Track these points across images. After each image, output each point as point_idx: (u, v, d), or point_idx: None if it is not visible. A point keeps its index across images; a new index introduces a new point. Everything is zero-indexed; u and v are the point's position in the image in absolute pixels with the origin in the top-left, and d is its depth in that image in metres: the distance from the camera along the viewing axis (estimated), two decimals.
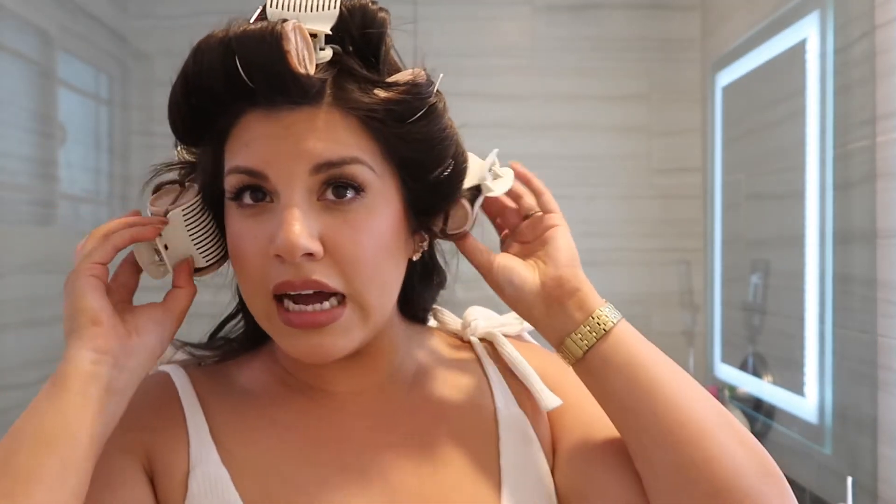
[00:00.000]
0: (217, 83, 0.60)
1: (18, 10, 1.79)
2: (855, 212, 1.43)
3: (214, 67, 0.59)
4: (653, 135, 2.35)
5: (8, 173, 1.74)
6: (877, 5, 1.35)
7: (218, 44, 0.59)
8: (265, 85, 0.59)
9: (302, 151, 0.60)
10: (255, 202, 0.62)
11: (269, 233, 0.61)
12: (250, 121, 0.61)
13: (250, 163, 0.61)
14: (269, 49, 0.58)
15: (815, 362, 1.55)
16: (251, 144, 0.61)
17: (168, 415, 0.68)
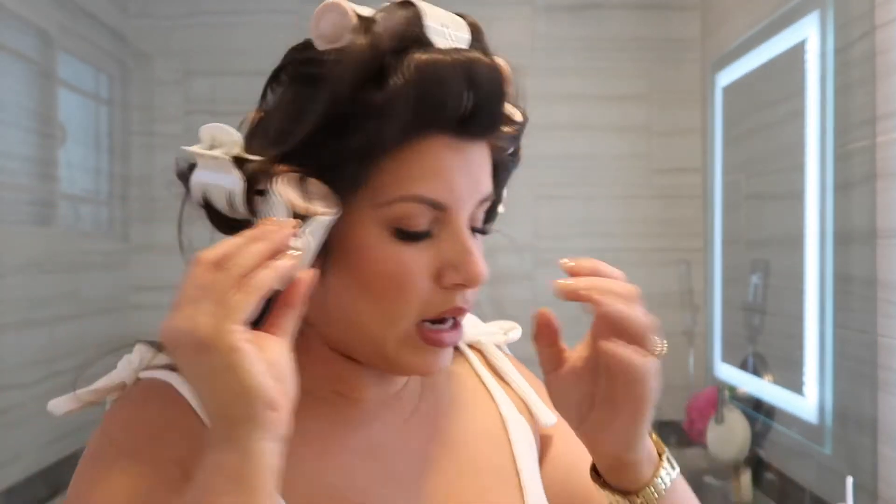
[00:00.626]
0: (449, 105, 0.58)
1: (18, 10, 1.79)
2: (855, 212, 1.43)
3: (452, 88, 0.57)
4: (653, 135, 2.35)
5: (8, 173, 1.74)
6: (877, 5, 1.35)
7: (458, 67, 0.58)
8: (480, 119, 0.60)
9: (478, 186, 0.62)
10: (424, 233, 0.60)
11: (435, 261, 0.61)
12: (436, 147, 0.59)
13: (439, 196, 0.59)
14: (495, 86, 0.59)
15: (815, 362, 1.55)
16: (440, 174, 0.59)
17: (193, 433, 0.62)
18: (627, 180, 2.35)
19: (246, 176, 0.59)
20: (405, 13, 0.59)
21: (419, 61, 0.57)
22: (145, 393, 0.66)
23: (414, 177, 0.59)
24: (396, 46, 0.58)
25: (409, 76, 0.57)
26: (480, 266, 0.61)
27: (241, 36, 2.34)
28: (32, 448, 1.82)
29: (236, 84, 2.32)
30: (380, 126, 0.57)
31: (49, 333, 1.90)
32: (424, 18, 0.59)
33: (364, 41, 0.58)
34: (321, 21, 0.60)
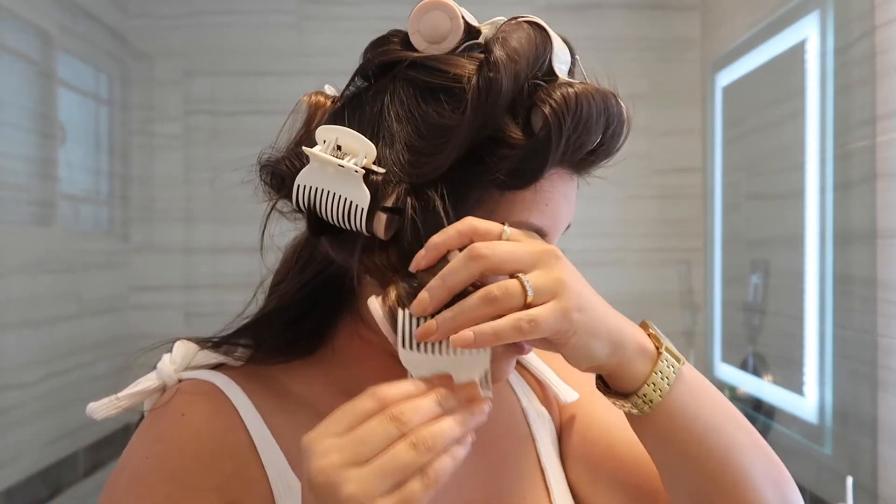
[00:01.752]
0: (591, 140, 0.58)
1: (18, 10, 1.79)
2: (855, 212, 1.43)
3: (597, 125, 0.58)
4: (653, 135, 2.35)
5: (8, 173, 1.74)
6: (877, 5, 1.35)
7: (601, 104, 0.57)
8: (601, 156, 0.61)
9: (571, 216, 0.64)
10: None
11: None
12: (555, 179, 0.60)
13: (545, 224, 0.60)
14: (621, 122, 0.60)
15: (815, 362, 1.55)
16: (552, 205, 0.60)
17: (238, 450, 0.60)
18: (627, 180, 2.35)
19: (372, 190, 0.56)
20: (536, 35, 0.58)
21: (570, 96, 0.56)
22: (188, 401, 0.62)
23: (529, 205, 0.59)
24: (534, 73, 0.57)
25: (563, 111, 0.55)
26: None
27: (241, 36, 2.34)
28: (32, 448, 1.82)
29: (236, 84, 2.33)
30: (531, 158, 0.56)
31: (49, 333, 1.90)
32: (555, 45, 0.59)
33: (506, 63, 0.56)
34: (425, 18, 0.58)
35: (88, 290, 2.10)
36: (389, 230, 0.57)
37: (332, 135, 0.57)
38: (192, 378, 0.63)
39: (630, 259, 2.35)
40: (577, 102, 0.56)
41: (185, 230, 2.32)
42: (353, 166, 0.56)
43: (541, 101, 0.56)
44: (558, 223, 0.62)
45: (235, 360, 0.65)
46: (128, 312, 2.33)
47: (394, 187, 0.56)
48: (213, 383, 0.62)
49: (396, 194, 0.56)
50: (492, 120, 0.56)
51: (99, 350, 2.14)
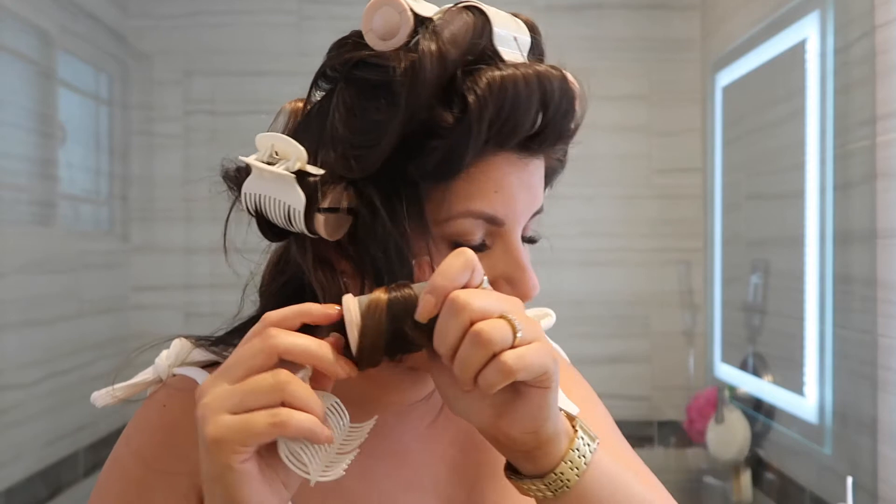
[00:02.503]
0: (523, 124, 0.56)
1: (18, 10, 1.79)
2: (855, 212, 1.43)
3: (529, 106, 0.56)
4: (653, 135, 2.35)
5: (8, 173, 1.74)
6: (877, 5, 1.35)
7: (533, 84, 0.56)
8: (550, 135, 0.59)
9: (535, 200, 0.61)
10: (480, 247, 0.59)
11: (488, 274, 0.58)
12: (500, 164, 0.58)
13: (498, 211, 0.58)
14: (568, 103, 0.58)
15: (815, 362, 1.55)
16: (502, 192, 0.58)
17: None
18: (627, 180, 2.35)
19: (307, 192, 0.57)
20: (472, 20, 0.57)
21: (494, 80, 0.55)
22: (170, 393, 0.65)
23: (475, 193, 0.57)
24: (466, 59, 0.56)
25: (486, 97, 0.54)
26: (533, 281, 0.60)
27: (241, 36, 2.34)
28: (32, 448, 1.82)
29: (236, 84, 2.33)
30: (455, 148, 0.55)
31: (49, 333, 1.90)
32: (494, 27, 0.57)
33: (433, 52, 0.55)
34: (376, 16, 0.58)
35: (88, 290, 2.10)
36: (334, 231, 0.58)
37: (268, 141, 0.59)
38: (180, 374, 0.66)
39: (630, 259, 2.35)
40: (502, 85, 0.55)
41: (185, 230, 2.32)
42: (284, 171, 0.57)
43: (467, 87, 0.55)
44: (515, 210, 0.59)
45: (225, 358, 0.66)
46: (128, 312, 2.33)
47: (332, 187, 0.57)
48: (194, 380, 0.65)
49: (335, 194, 0.57)
50: (419, 111, 0.55)
51: (99, 350, 2.15)
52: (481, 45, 0.56)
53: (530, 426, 0.53)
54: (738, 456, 1.87)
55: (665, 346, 2.35)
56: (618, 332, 2.33)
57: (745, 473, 1.88)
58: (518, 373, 0.49)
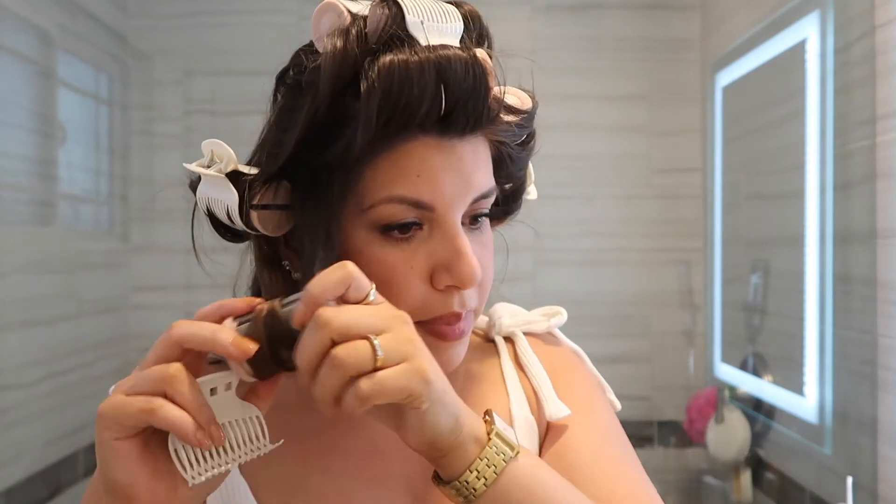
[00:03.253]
0: (420, 106, 0.56)
1: (18, 10, 1.79)
2: (855, 212, 1.43)
3: (424, 89, 0.56)
4: (653, 135, 2.35)
5: (8, 173, 1.74)
6: (877, 5, 1.35)
7: (427, 65, 0.56)
8: (461, 116, 0.58)
9: (471, 184, 0.60)
10: (409, 232, 0.60)
11: (427, 262, 0.60)
12: (419, 148, 0.58)
13: (422, 195, 0.58)
14: (475, 82, 0.57)
15: (815, 362, 1.55)
16: (423, 175, 0.58)
17: None
18: (627, 180, 2.35)
19: (240, 190, 0.60)
20: (386, 11, 0.58)
21: (384, 65, 0.56)
22: None
23: (395, 178, 0.58)
24: (371, 49, 0.57)
25: (375, 81, 0.56)
26: (471, 266, 0.59)
27: (241, 36, 2.34)
28: (32, 448, 1.82)
29: (236, 84, 2.33)
30: (355, 134, 0.57)
31: (49, 333, 1.90)
32: (406, 14, 0.58)
33: (334, 47, 0.57)
34: (319, 22, 0.60)
35: (88, 290, 2.10)
36: (275, 227, 0.61)
37: (209, 147, 0.63)
38: None
39: (630, 259, 2.35)
40: (389, 70, 0.56)
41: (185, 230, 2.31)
42: (216, 172, 0.61)
43: (363, 75, 0.56)
44: (443, 194, 0.59)
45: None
46: (128, 312, 2.33)
47: (264, 185, 0.60)
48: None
49: (267, 191, 0.60)
50: (323, 103, 0.57)
51: (99, 350, 2.14)
52: (389, 34, 0.58)
53: (421, 439, 0.53)
54: (738, 456, 1.87)
55: (665, 346, 2.35)
56: (618, 332, 2.33)
57: (745, 473, 1.88)
58: (374, 399, 0.48)
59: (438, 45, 0.58)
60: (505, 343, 0.76)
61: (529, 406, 0.72)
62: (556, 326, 0.78)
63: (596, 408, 0.72)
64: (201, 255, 0.68)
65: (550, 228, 2.26)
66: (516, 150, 0.66)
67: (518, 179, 0.69)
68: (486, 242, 0.64)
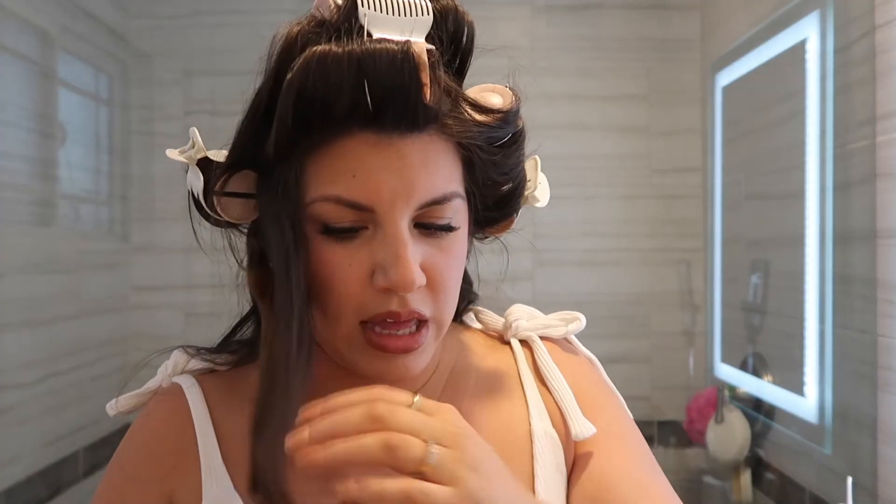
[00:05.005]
0: (338, 101, 0.54)
1: (18, 10, 1.79)
2: (855, 212, 1.43)
3: (340, 84, 0.53)
4: (653, 135, 2.35)
5: (8, 173, 1.74)
6: (877, 5, 1.35)
7: (347, 59, 0.53)
8: (391, 112, 0.55)
9: (416, 188, 0.57)
10: (351, 231, 0.58)
11: (367, 261, 0.58)
12: (355, 146, 0.56)
13: (358, 197, 0.56)
14: (404, 76, 0.54)
15: (815, 362, 1.55)
16: (360, 175, 0.56)
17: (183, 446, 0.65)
18: (627, 180, 2.35)
19: (207, 177, 0.61)
20: (340, 2, 0.57)
21: (305, 57, 0.54)
22: (156, 402, 0.69)
23: (332, 177, 0.56)
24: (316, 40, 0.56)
25: (294, 73, 0.54)
26: (407, 272, 0.56)
27: (241, 36, 2.34)
28: (32, 448, 1.82)
29: (236, 84, 2.30)
30: (277, 130, 0.56)
31: (49, 333, 1.90)
32: (359, 6, 0.56)
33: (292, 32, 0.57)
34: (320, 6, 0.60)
35: (88, 290, 2.10)
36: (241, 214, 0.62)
37: (192, 136, 0.64)
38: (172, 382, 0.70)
39: (630, 259, 2.35)
40: (306, 64, 0.54)
41: (185, 230, 2.31)
42: (183, 158, 0.63)
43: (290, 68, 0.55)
44: (380, 197, 0.56)
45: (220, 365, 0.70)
46: (128, 312, 2.33)
47: (223, 171, 0.61)
48: (180, 386, 0.68)
49: (235, 179, 0.61)
50: (264, 91, 0.58)
51: (99, 350, 2.14)
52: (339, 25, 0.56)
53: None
54: (738, 456, 1.87)
55: (665, 346, 2.35)
56: (618, 332, 2.33)
57: (745, 473, 1.88)
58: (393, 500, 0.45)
59: (376, 38, 0.55)
60: (521, 347, 0.74)
61: (551, 419, 0.69)
62: (573, 332, 0.75)
63: (627, 428, 0.69)
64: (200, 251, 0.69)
65: (550, 228, 2.26)
66: (492, 153, 0.61)
67: (504, 184, 0.64)
68: (446, 246, 0.60)
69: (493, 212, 0.67)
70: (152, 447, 0.66)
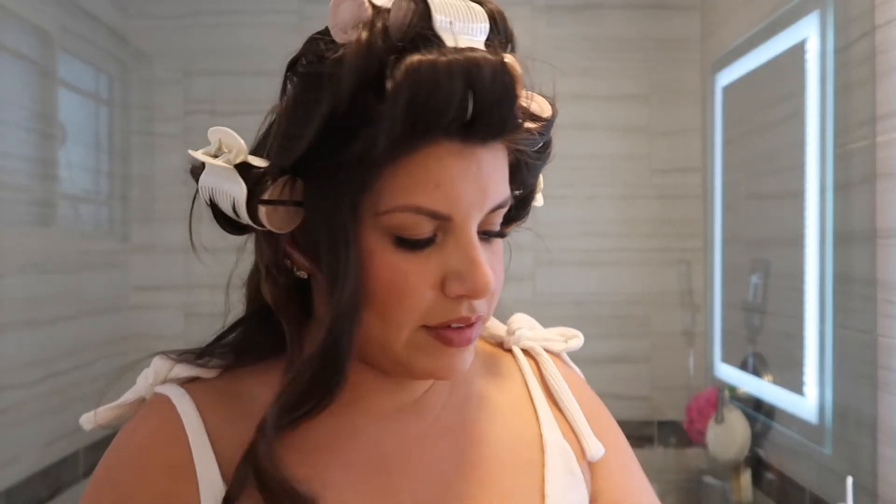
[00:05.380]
0: (447, 111, 0.54)
1: (18, 10, 1.79)
2: (855, 212, 1.43)
3: (451, 93, 0.53)
4: (653, 135, 2.35)
5: (8, 173, 1.74)
6: (877, 5, 1.35)
7: (457, 69, 0.53)
8: (485, 123, 0.55)
9: (490, 194, 0.58)
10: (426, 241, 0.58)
11: (438, 270, 0.58)
12: (440, 154, 0.56)
13: (439, 206, 0.56)
14: (503, 89, 0.55)
15: (815, 362, 1.55)
16: (443, 185, 0.56)
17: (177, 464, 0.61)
18: (627, 180, 2.35)
19: (249, 184, 0.57)
20: (412, 6, 0.55)
21: (412, 65, 0.53)
22: (142, 416, 0.65)
23: (413, 186, 0.56)
24: (397, 46, 0.54)
25: (402, 82, 0.53)
26: (486, 277, 0.57)
27: (241, 36, 2.34)
28: (32, 448, 1.82)
29: (236, 84, 2.33)
30: (376, 135, 0.54)
31: (49, 333, 1.90)
32: (433, 12, 0.55)
33: (359, 41, 0.54)
34: (339, 10, 0.57)
35: (88, 290, 2.10)
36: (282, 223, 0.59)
37: (216, 136, 0.61)
38: (157, 392, 0.66)
39: (630, 259, 2.35)
40: (417, 71, 0.53)
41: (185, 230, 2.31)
42: (224, 164, 0.59)
43: (388, 74, 0.53)
44: (460, 204, 0.56)
45: (210, 370, 0.67)
46: (128, 312, 2.33)
47: (273, 179, 0.58)
48: (168, 397, 0.64)
49: (277, 187, 0.58)
50: (342, 100, 0.54)
51: (99, 350, 2.14)
52: (416, 31, 0.55)
53: None
54: (738, 456, 1.87)
55: (665, 346, 2.35)
56: (618, 332, 2.33)
57: (745, 473, 1.88)
58: None
59: (467, 47, 0.55)
60: (525, 356, 0.75)
61: (562, 433, 0.70)
62: (573, 349, 0.76)
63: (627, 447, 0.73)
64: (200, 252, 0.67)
65: (550, 228, 2.26)
66: (533, 158, 0.63)
67: (529, 187, 0.67)
68: (497, 250, 0.62)
69: (512, 213, 0.68)
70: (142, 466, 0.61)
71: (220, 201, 0.60)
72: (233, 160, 0.59)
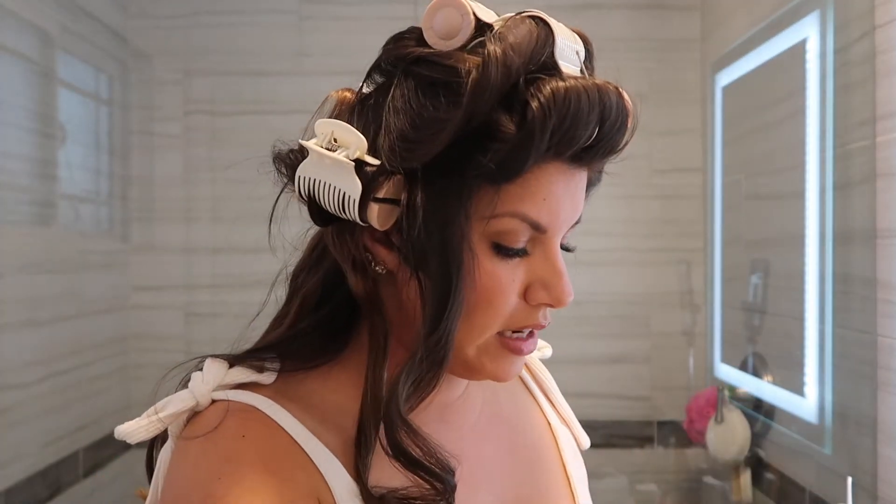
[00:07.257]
0: (584, 133, 0.57)
1: (18, 10, 1.79)
2: (855, 212, 1.43)
3: (588, 118, 0.57)
4: (653, 135, 2.35)
5: (8, 173, 1.74)
6: (877, 5, 1.35)
7: (593, 97, 0.57)
8: (601, 149, 0.60)
9: (577, 210, 0.64)
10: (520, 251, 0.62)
11: (525, 279, 0.62)
12: (551, 172, 0.59)
13: (542, 218, 0.60)
14: (621, 119, 0.59)
15: (815, 362, 1.55)
16: (549, 199, 0.60)
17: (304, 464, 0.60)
18: (627, 180, 2.35)
19: (364, 181, 0.58)
20: (536, 29, 0.58)
21: (558, 91, 0.56)
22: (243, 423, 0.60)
23: (525, 196, 0.59)
24: (527, 68, 0.57)
25: (548, 106, 0.55)
26: (569, 289, 0.63)
27: (241, 36, 2.34)
28: (32, 448, 1.82)
29: (236, 84, 2.33)
30: (515, 153, 0.56)
31: (49, 333, 1.90)
32: (557, 38, 0.59)
33: (499, 57, 0.55)
34: (437, 15, 0.58)
35: (88, 290, 2.10)
36: (385, 221, 0.59)
37: (328, 128, 0.60)
38: (233, 400, 0.62)
39: (630, 259, 2.35)
40: (565, 96, 0.56)
41: (185, 230, 2.32)
42: (344, 158, 0.58)
43: (531, 95, 0.56)
44: (559, 218, 0.61)
45: (267, 374, 0.64)
46: (128, 312, 2.33)
47: (387, 178, 0.58)
48: (255, 406, 0.61)
49: (389, 185, 0.58)
50: (480, 114, 0.56)
51: (99, 350, 2.15)
52: (543, 55, 0.57)
53: None
54: (737, 456, 1.87)
55: (665, 346, 2.35)
56: (618, 332, 2.33)
57: (745, 473, 1.88)
58: None
59: (589, 77, 0.59)
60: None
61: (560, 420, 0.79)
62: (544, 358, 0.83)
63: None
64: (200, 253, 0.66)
65: None
66: (598, 178, 0.69)
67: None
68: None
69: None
70: (277, 466, 0.58)
71: (324, 194, 0.60)
72: (351, 156, 0.58)
